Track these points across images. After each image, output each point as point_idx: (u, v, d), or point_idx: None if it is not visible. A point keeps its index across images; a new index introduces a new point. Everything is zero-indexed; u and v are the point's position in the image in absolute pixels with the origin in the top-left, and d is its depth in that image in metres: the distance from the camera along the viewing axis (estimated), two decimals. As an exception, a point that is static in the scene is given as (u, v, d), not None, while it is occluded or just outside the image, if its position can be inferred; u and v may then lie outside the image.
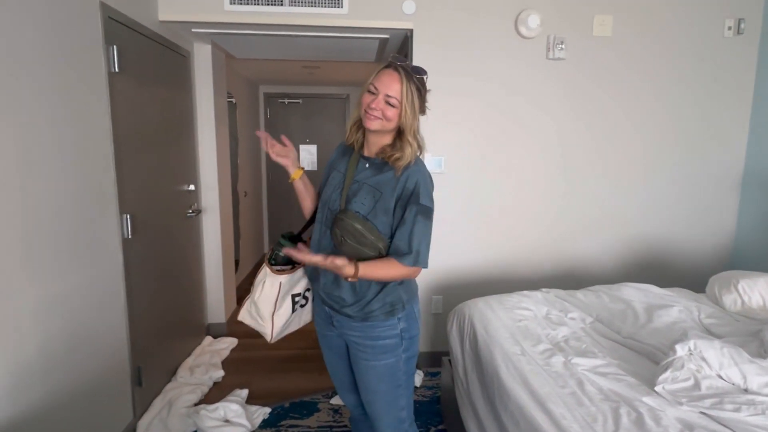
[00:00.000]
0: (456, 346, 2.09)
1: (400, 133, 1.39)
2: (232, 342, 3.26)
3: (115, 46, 2.07)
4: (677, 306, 2.07)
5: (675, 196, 2.96)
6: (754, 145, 2.91)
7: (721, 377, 1.42)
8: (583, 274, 2.97)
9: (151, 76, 2.48)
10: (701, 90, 2.87)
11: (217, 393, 2.63)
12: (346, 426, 2.34)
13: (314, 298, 1.60)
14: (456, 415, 2.07)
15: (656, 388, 1.42)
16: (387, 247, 1.38)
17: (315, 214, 1.54)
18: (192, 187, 3.05)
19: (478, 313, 2.04)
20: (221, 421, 2.28)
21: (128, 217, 2.18)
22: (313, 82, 5.16)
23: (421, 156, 1.44)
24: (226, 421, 2.30)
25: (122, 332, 2.19)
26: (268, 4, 2.56)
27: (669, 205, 2.97)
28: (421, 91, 1.38)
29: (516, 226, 2.90)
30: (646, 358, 1.69)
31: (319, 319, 1.58)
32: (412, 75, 1.35)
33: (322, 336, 1.59)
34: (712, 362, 1.43)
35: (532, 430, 1.35)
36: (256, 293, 1.54)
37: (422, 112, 1.41)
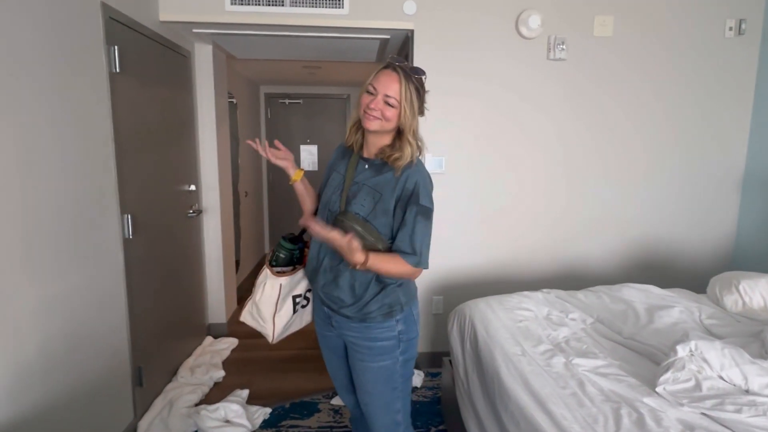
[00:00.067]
0: (456, 347, 2.09)
1: (399, 134, 1.39)
2: (232, 342, 3.26)
3: (116, 47, 2.07)
4: (678, 307, 2.07)
5: (675, 197, 2.96)
6: (755, 146, 2.90)
7: (722, 378, 1.42)
8: (583, 275, 2.96)
9: (152, 77, 2.49)
10: (702, 90, 2.86)
11: (217, 393, 2.63)
12: (347, 426, 2.34)
13: (313, 299, 1.60)
14: (456, 416, 2.06)
15: (657, 389, 1.42)
16: (387, 249, 1.38)
17: (316, 214, 1.54)
18: (193, 188, 3.05)
19: (478, 314, 2.04)
20: (222, 422, 2.28)
21: (129, 217, 2.19)
22: (313, 83, 5.16)
23: (421, 157, 1.44)
24: (227, 421, 2.30)
25: (123, 332, 2.19)
26: (269, 5, 2.56)
27: (669, 206, 2.96)
28: (420, 92, 1.38)
29: (516, 227, 2.90)
30: (647, 358, 1.69)
31: (319, 320, 1.58)
32: (411, 75, 1.35)
33: (322, 336, 1.59)
34: (713, 363, 1.43)
35: (532, 431, 1.35)
36: (257, 295, 1.54)
37: (421, 113, 1.41)
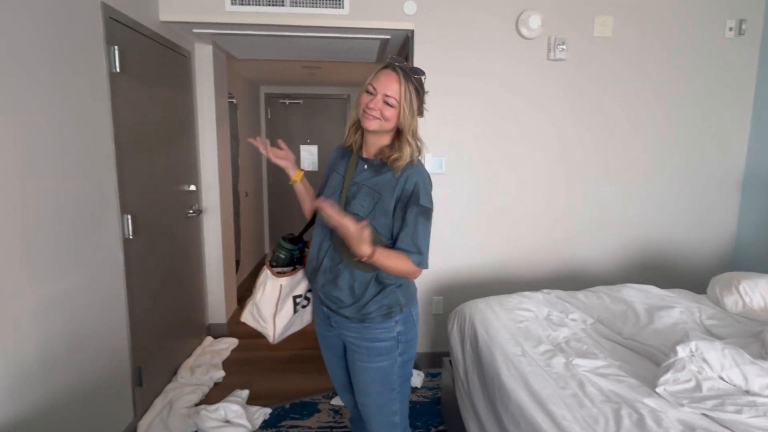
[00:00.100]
0: (457, 347, 2.09)
1: (398, 134, 1.39)
2: (232, 342, 3.26)
3: (116, 47, 2.07)
4: (678, 307, 2.07)
5: (676, 197, 2.96)
6: (754, 146, 2.90)
7: (722, 379, 1.42)
8: (583, 275, 2.96)
9: (152, 77, 2.49)
10: (702, 91, 2.86)
11: (217, 393, 2.63)
12: (347, 426, 2.34)
13: (313, 299, 1.60)
14: (456, 416, 2.06)
15: (657, 390, 1.42)
16: None
17: (315, 215, 1.54)
18: (193, 188, 3.05)
19: (478, 314, 2.04)
20: (222, 422, 2.28)
21: (129, 217, 2.19)
22: (313, 83, 5.16)
23: (421, 157, 1.44)
24: (227, 421, 2.29)
25: (123, 332, 2.19)
26: (269, 5, 2.56)
27: (669, 206, 2.96)
28: (420, 92, 1.38)
29: (516, 227, 2.90)
30: (647, 359, 1.69)
31: (318, 320, 1.58)
32: (410, 75, 1.35)
33: (321, 336, 1.59)
34: (714, 363, 1.43)
35: (532, 431, 1.35)
36: (258, 295, 1.54)
37: (420, 113, 1.40)
